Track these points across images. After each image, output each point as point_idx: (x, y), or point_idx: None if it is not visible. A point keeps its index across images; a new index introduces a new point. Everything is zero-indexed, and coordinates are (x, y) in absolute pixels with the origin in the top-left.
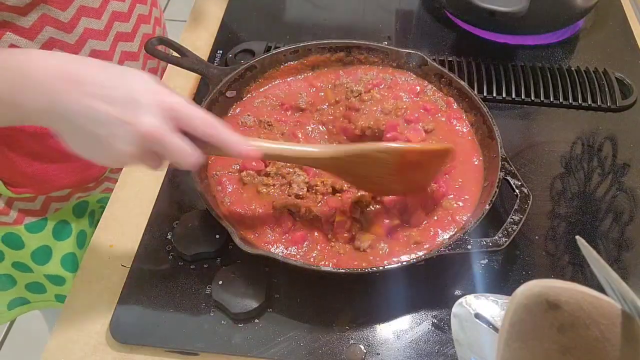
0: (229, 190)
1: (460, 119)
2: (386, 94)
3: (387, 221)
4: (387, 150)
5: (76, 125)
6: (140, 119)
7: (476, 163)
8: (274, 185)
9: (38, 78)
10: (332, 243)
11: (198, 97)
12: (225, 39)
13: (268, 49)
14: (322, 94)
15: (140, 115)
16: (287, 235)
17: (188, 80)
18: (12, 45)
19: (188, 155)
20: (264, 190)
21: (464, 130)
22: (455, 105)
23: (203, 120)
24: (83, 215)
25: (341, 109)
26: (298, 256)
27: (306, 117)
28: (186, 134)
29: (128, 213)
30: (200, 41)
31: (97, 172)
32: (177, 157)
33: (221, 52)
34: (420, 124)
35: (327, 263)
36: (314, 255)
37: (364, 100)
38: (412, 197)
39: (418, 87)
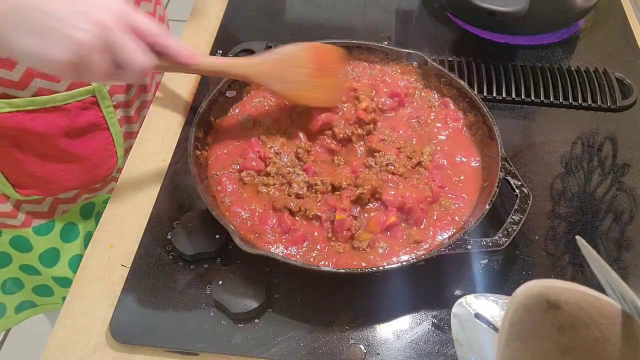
0: (229, 190)
1: (457, 119)
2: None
3: (384, 218)
4: (304, 47)
5: (30, 22)
6: (96, 11)
7: (475, 164)
8: (273, 185)
9: None
10: (332, 242)
11: (198, 97)
12: (225, 39)
13: (268, 49)
14: None
15: (96, 9)
16: (287, 235)
17: (188, 80)
18: None
19: (139, 54)
20: (264, 190)
21: (463, 129)
22: (452, 106)
23: (152, 25)
24: (90, 216)
25: None
26: (298, 256)
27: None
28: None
29: (128, 213)
30: (200, 41)
31: (105, 172)
32: (129, 54)
33: (221, 52)
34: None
35: (327, 263)
36: (314, 255)
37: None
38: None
39: (402, 83)
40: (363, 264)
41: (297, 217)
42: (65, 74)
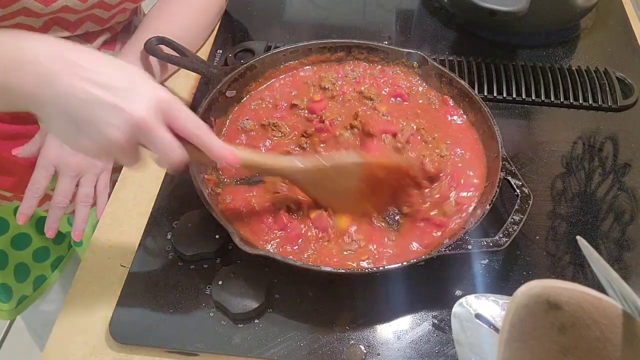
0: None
1: (458, 114)
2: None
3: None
4: (359, 161)
5: (66, 108)
6: (134, 106)
7: (476, 163)
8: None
9: (34, 60)
10: (325, 243)
11: (198, 97)
12: (225, 38)
13: (268, 49)
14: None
15: (135, 104)
16: (282, 232)
17: (188, 80)
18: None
19: (174, 151)
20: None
21: (462, 124)
22: (451, 103)
23: (193, 120)
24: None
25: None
26: (294, 254)
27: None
28: (173, 133)
29: (128, 213)
30: None
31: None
32: (163, 151)
33: (221, 51)
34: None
35: (327, 263)
36: (308, 254)
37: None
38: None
39: (405, 84)
40: (364, 265)
41: (293, 215)
42: (92, 157)
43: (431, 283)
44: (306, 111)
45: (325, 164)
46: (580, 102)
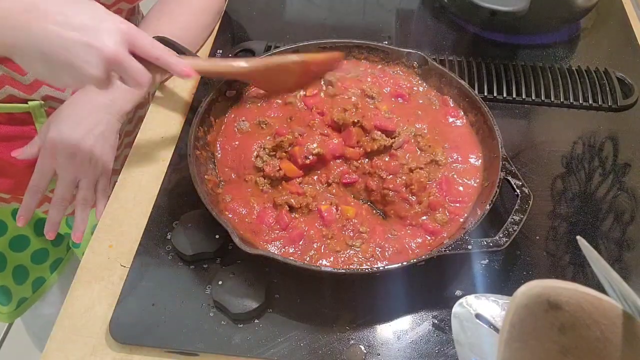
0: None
1: (458, 116)
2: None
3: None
4: (296, 61)
5: (44, 53)
6: (105, 42)
7: (476, 163)
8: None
9: (8, 15)
10: (329, 240)
11: (198, 97)
12: (225, 38)
13: (268, 49)
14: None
15: (104, 39)
16: (284, 232)
17: (188, 80)
18: None
19: (143, 75)
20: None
21: (462, 126)
22: (451, 103)
23: (152, 43)
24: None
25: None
26: (296, 255)
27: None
28: (135, 56)
29: (128, 213)
30: None
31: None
32: (134, 76)
33: (221, 52)
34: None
35: (327, 262)
36: (310, 254)
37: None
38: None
39: (405, 84)
40: (363, 264)
41: (295, 215)
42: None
43: (431, 283)
44: (303, 104)
45: (263, 64)
46: (580, 102)
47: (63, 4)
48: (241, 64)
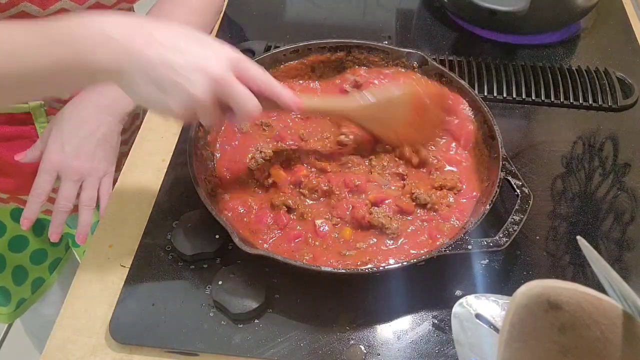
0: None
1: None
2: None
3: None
4: (403, 91)
5: (152, 76)
6: (213, 65)
7: (476, 163)
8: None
9: (108, 40)
10: (324, 247)
11: None
12: (225, 38)
13: (268, 49)
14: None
15: (212, 63)
16: (280, 232)
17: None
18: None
19: (252, 101)
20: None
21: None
22: (451, 103)
23: (262, 73)
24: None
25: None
26: (297, 256)
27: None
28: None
29: (128, 213)
30: None
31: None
32: (242, 103)
33: None
34: None
35: (325, 263)
36: (309, 257)
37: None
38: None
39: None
40: (364, 266)
41: (292, 216)
42: (177, 118)
43: (431, 283)
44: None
45: (376, 99)
46: (580, 102)
47: (168, 29)
48: (350, 102)
